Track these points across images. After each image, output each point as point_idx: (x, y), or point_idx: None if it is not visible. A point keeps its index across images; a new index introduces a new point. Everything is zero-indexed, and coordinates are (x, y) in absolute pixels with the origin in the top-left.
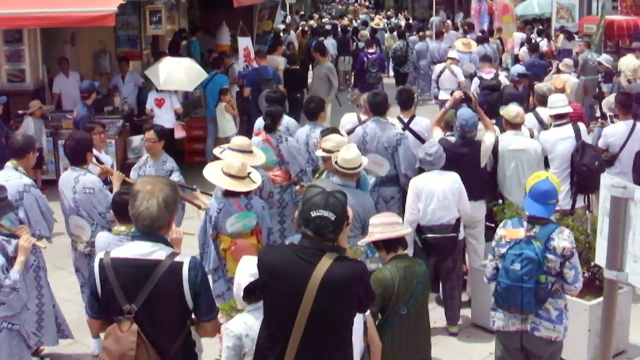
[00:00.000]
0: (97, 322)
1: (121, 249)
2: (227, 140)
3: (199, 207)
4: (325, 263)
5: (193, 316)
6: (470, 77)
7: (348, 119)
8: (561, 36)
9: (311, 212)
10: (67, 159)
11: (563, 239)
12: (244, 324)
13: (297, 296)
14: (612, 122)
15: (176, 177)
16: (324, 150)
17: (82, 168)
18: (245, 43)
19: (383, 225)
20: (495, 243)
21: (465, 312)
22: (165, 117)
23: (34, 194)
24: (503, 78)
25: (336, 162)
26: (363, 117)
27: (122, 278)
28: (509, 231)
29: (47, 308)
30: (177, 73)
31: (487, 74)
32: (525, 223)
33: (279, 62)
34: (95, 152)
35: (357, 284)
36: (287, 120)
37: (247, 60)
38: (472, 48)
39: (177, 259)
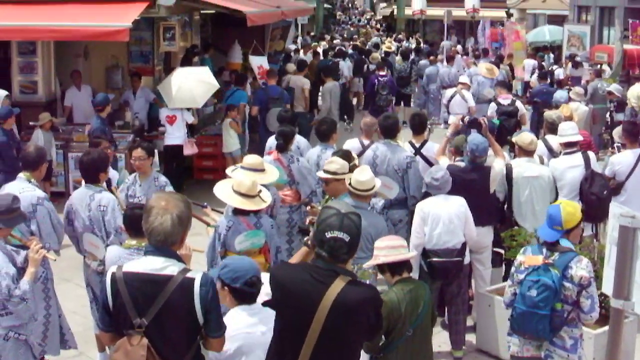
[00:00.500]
0: (107, 335)
1: (133, 263)
2: (230, 155)
3: (208, 224)
4: (338, 285)
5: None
6: (487, 102)
7: (351, 145)
8: (570, 64)
9: (326, 233)
10: (82, 176)
11: (581, 268)
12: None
13: (308, 316)
14: (620, 150)
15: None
16: (326, 172)
17: (97, 186)
18: (259, 61)
19: (388, 248)
20: (514, 269)
21: (470, 337)
22: (176, 134)
23: (47, 207)
24: (519, 104)
25: (350, 184)
26: (365, 142)
27: (134, 292)
28: (528, 258)
29: (53, 319)
30: (186, 90)
31: (504, 99)
32: (544, 250)
33: (304, 82)
34: None
35: (369, 308)
36: (298, 140)
37: (262, 77)
38: (496, 74)
39: (189, 275)
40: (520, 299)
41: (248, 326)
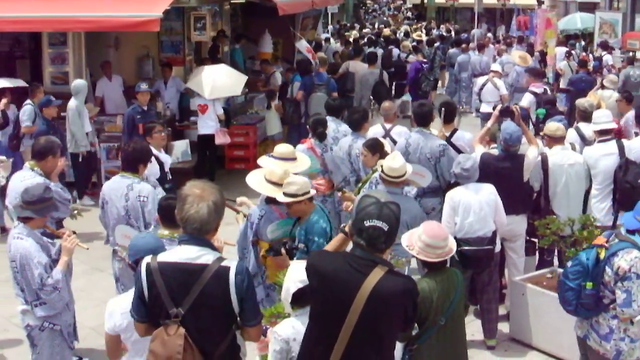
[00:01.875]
0: (142, 326)
1: (168, 253)
2: (272, 138)
3: (237, 211)
4: (376, 274)
5: (238, 320)
6: (525, 90)
7: (374, 130)
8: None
9: (365, 222)
10: (122, 165)
11: (624, 259)
12: (292, 328)
13: (345, 304)
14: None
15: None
16: (286, 194)
17: (134, 176)
18: (304, 44)
19: (425, 245)
20: None
21: (503, 326)
22: (209, 123)
23: None
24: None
25: (382, 170)
26: (387, 126)
27: (170, 282)
28: (599, 237)
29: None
30: (222, 80)
31: (537, 88)
32: (613, 235)
33: (363, 67)
34: (155, 151)
35: (406, 299)
36: (345, 128)
37: (313, 57)
38: (529, 62)
39: (224, 263)
40: None
41: None
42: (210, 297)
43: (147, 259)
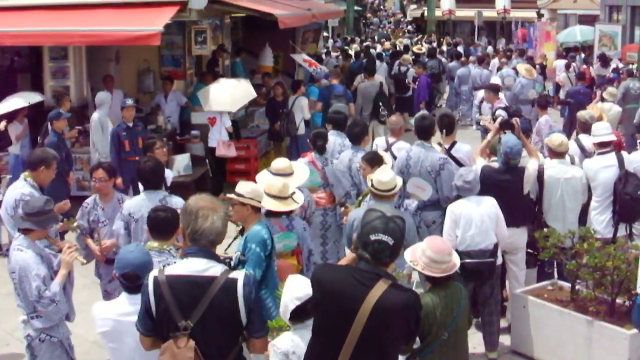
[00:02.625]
0: (148, 339)
1: (175, 266)
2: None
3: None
4: (380, 288)
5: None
6: (531, 102)
7: (377, 143)
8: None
9: (370, 236)
10: (144, 182)
11: None
12: (291, 341)
13: (349, 317)
14: None
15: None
16: (234, 192)
17: (161, 191)
18: (301, 57)
19: (430, 260)
20: None
21: (505, 339)
22: (217, 135)
23: None
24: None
25: (372, 185)
26: (390, 140)
27: (178, 294)
28: None
29: None
30: (222, 95)
31: (500, 104)
32: None
33: (381, 79)
34: None
35: (409, 312)
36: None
37: (313, 65)
38: (534, 75)
39: (231, 275)
40: None
41: (120, 314)
42: (219, 309)
43: (154, 272)
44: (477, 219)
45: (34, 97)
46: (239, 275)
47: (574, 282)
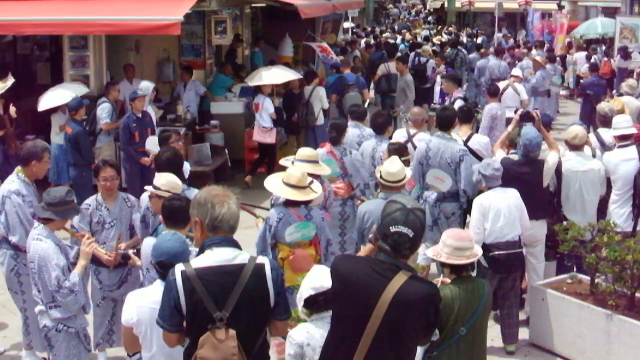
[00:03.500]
0: (175, 336)
1: (201, 258)
2: None
3: (255, 215)
4: (399, 279)
5: None
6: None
7: (399, 134)
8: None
9: (390, 227)
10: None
11: None
12: (306, 332)
13: (368, 308)
14: None
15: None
16: (153, 185)
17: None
18: (315, 44)
19: (452, 248)
20: None
21: (523, 331)
22: (259, 121)
23: (13, 201)
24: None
25: (380, 176)
26: (412, 131)
27: (210, 286)
28: None
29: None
30: (270, 72)
31: (459, 93)
32: None
33: (399, 67)
34: None
35: (429, 304)
36: (370, 131)
37: (327, 52)
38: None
39: (258, 261)
40: None
41: (155, 302)
42: (252, 296)
43: (181, 266)
44: (505, 210)
45: (79, 89)
46: (265, 260)
47: (593, 276)
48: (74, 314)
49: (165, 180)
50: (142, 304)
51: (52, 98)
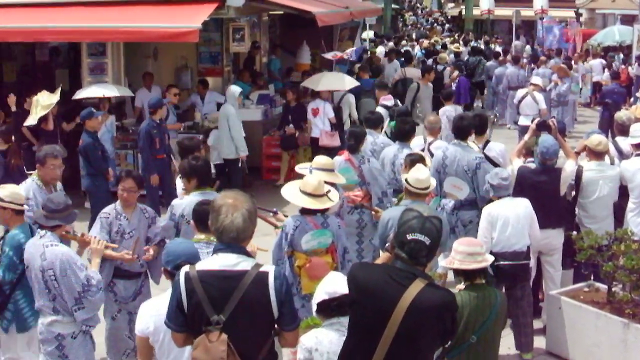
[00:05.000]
0: (181, 335)
1: (206, 261)
2: None
3: (275, 226)
4: (416, 287)
5: (276, 326)
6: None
7: (416, 142)
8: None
9: (407, 235)
10: (199, 180)
11: None
12: (315, 338)
13: (384, 316)
14: None
15: (161, 222)
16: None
17: (212, 189)
18: (329, 54)
19: (464, 254)
20: None
21: (540, 340)
22: (320, 125)
23: None
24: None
25: (407, 182)
26: (429, 139)
27: (210, 289)
28: None
29: None
30: (332, 78)
31: (387, 100)
32: None
33: (417, 73)
34: None
35: (446, 312)
36: (382, 140)
37: (342, 57)
38: (569, 73)
39: (262, 269)
40: None
41: None
42: (251, 303)
43: (185, 268)
44: (513, 220)
45: (112, 90)
46: (270, 268)
47: (610, 284)
48: (96, 312)
49: (8, 192)
50: (159, 312)
51: (92, 90)
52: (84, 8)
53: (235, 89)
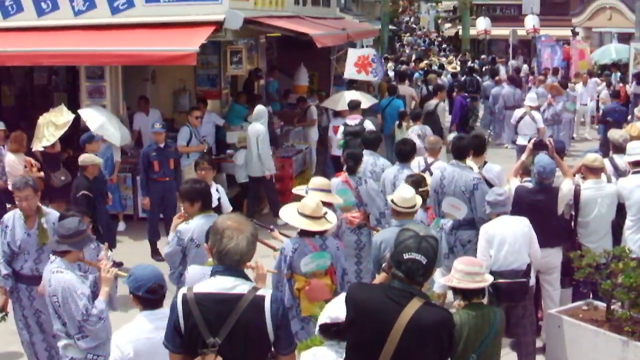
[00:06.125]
0: (178, 356)
1: (203, 284)
2: None
3: (274, 249)
4: (413, 306)
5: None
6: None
7: (415, 163)
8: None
9: (404, 255)
10: (204, 204)
11: None
12: (313, 356)
13: (382, 336)
14: None
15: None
16: None
17: (214, 213)
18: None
19: (463, 273)
20: None
21: (540, 359)
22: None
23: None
24: (368, 123)
25: (393, 202)
26: (429, 160)
27: (206, 312)
28: None
29: None
30: (354, 96)
31: (353, 119)
32: None
33: (410, 90)
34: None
35: (443, 331)
36: (383, 162)
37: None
38: (562, 92)
39: (259, 292)
40: None
41: (149, 331)
42: (247, 326)
43: (183, 290)
44: (510, 239)
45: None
46: (266, 292)
47: (609, 302)
48: (103, 341)
49: None
50: (137, 337)
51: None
52: (82, 32)
53: (262, 108)
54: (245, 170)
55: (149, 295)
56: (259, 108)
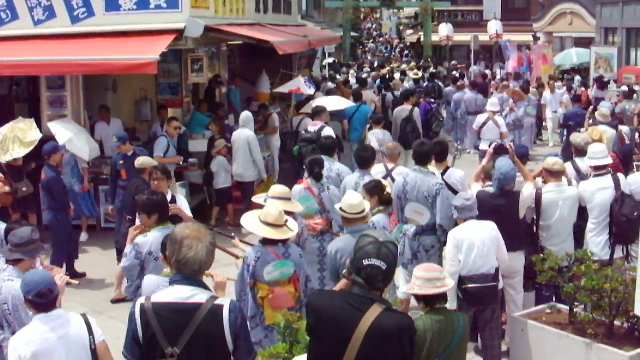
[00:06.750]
0: None
1: (161, 293)
2: None
3: (236, 257)
4: (373, 312)
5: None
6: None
7: (375, 169)
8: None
9: (363, 261)
10: (161, 215)
11: None
12: None
13: (343, 342)
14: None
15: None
16: None
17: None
18: (286, 87)
19: (423, 279)
20: None
21: None
22: None
23: None
24: (328, 129)
25: (341, 209)
26: (389, 166)
27: (164, 322)
28: None
29: None
30: (329, 99)
31: (313, 126)
32: None
33: (372, 96)
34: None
35: (404, 336)
36: (338, 167)
37: (298, 90)
38: (524, 97)
39: (217, 301)
40: None
41: (45, 332)
42: (205, 336)
43: (141, 299)
44: (478, 243)
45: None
46: (225, 301)
47: (571, 305)
48: None
49: None
50: (33, 339)
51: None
52: (42, 41)
53: (249, 114)
54: (227, 176)
55: (38, 299)
56: (246, 114)
